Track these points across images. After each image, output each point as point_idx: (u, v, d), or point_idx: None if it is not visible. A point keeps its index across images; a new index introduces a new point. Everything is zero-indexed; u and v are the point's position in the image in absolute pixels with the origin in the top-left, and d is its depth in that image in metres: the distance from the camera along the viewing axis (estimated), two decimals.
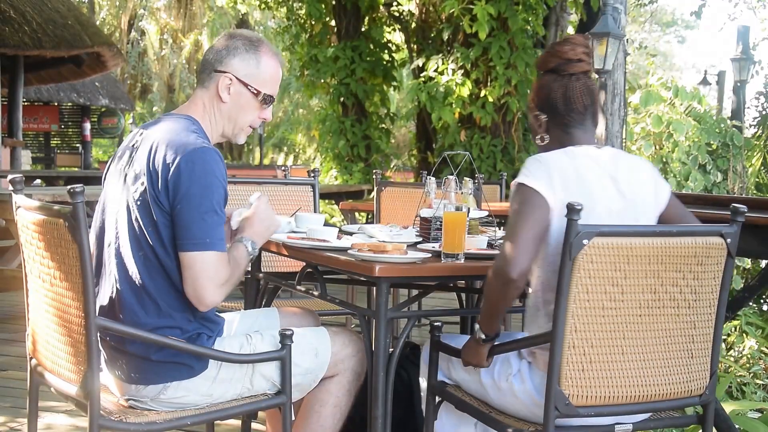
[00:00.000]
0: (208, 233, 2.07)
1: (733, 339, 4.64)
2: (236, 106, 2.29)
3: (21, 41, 10.25)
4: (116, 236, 2.17)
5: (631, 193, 2.13)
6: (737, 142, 7.55)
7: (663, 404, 2.07)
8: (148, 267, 2.12)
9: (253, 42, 2.30)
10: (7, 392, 3.91)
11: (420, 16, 11.59)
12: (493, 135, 10.03)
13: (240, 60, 2.27)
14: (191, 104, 2.32)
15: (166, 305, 2.13)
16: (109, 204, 2.23)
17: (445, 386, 2.35)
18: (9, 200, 2.49)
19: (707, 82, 15.55)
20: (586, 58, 2.21)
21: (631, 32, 25.66)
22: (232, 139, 2.36)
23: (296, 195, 3.79)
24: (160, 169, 2.10)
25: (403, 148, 19.38)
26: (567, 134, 2.21)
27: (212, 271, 2.08)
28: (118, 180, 2.22)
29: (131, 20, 26.31)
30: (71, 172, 15.84)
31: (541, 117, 2.24)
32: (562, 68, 2.20)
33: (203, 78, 2.30)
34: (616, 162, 2.15)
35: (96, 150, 24.42)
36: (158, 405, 2.16)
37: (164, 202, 2.09)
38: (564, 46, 2.22)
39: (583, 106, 2.20)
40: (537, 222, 2.02)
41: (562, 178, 2.06)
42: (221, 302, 2.16)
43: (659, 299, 1.97)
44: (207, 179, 2.09)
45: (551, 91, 2.21)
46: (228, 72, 2.27)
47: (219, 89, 2.27)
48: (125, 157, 2.24)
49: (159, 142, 2.14)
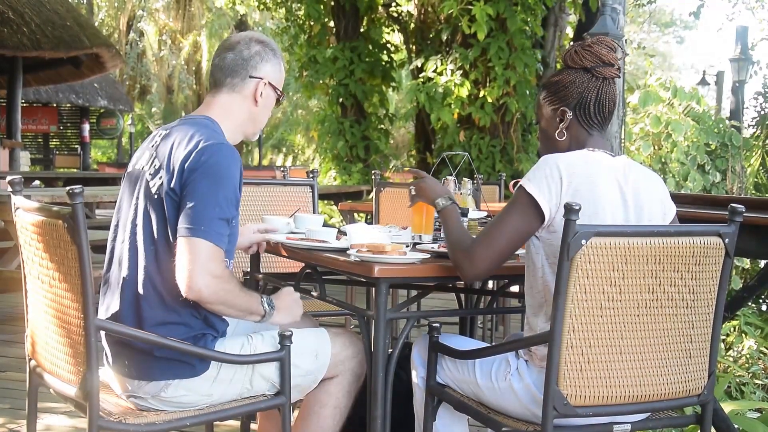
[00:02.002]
0: (204, 222, 2.07)
1: (732, 339, 4.65)
2: (264, 108, 2.40)
3: (20, 42, 10.25)
4: (131, 231, 2.19)
5: (636, 205, 2.14)
6: (736, 143, 7.55)
7: (661, 404, 2.07)
8: (159, 262, 2.14)
9: (274, 47, 2.41)
10: (6, 393, 3.91)
11: (419, 16, 11.61)
12: (492, 135, 10.04)
13: (271, 66, 2.38)
14: (210, 107, 2.35)
15: (173, 301, 2.14)
16: (125, 201, 2.26)
17: (444, 387, 2.35)
18: (8, 201, 2.50)
19: (706, 83, 15.58)
20: (617, 63, 2.20)
21: (630, 33, 25.69)
22: (250, 137, 2.45)
23: (295, 196, 3.79)
24: (178, 163, 2.13)
25: (402, 149, 19.40)
26: (589, 136, 2.21)
27: (203, 258, 2.06)
28: (137, 178, 2.25)
29: (130, 21, 26.33)
30: (70, 173, 15.85)
31: (567, 113, 2.21)
32: (597, 69, 2.18)
33: (234, 83, 2.34)
34: (627, 172, 2.16)
35: (95, 151, 24.44)
36: (158, 403, 2.17)
37: (177, 191, 2.12)
38: (602, 48, 2.18)
39: (609, 112, 2.21)
40: (517, 233, 2.09)
41: (571, 182, 2.06)
42: (211, 300, 2.10)
43: (657, 299, 1.98)
44: (218, 173, 2.11)
45: (585, 91, 2.18)
46: (264, 78, 2.36)
47: (256, 94, 2.35)
48: (145, 155, 2.27)
49: (180, 139, 2.19)
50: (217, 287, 2.09)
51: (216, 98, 2.35)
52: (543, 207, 2.06)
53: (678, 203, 2.30)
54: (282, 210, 3.54)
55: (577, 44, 2.25)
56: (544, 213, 2.06)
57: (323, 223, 2.84)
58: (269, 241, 2.72)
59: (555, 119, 2.24)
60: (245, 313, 2.24)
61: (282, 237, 2.66)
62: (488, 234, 2.11)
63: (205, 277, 2.06)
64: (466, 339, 2.54)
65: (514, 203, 2.11)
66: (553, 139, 2.25)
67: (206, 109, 2.35)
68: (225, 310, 2.18)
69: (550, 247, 2.09)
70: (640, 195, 2.15)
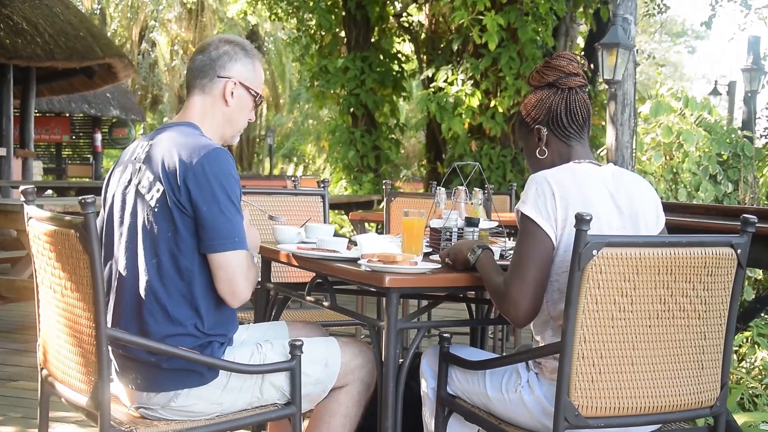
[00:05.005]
0: (236, 232, 2.14)
1: (744, 350, 4.62)
2: (237, 109, 2.37)
3: (33, 53, 10.31)
4: (126, 247, 2.19)
5: (631, 212, 2.15)
6: (748, 153, 7.53)
7: (673, 415, 2.06)
8: (161, 274, 2.14)
9: (246, 47, 2.40)
10: (18, 402, 3.92)
11: (429, 26, 11.63)
12: (502, 145, 10.04)
13: (241, 65, 2.36)
14: (188, 112, 2.35)
15: (176, 313, 2.14)
16: (116, 218, 2.24)
17: (454, 398, 2.35)
18: (21, 211, 2.51)
19: (718, 93, 15.51)
20: (581, 72, 2.25)
21: (641, 42, 25.65)
22: (229, 141, 2.43)
23: (306, 205, 3.80)
24: (177, 172, 2.12)
25: (413, 159, 19.41)
26: (569, 147, 2.24)
27: (245, 268, 2.16)
28: (125, 192, 2.23)
29: (142, 32, 26.47)
30: (82, 182, 15.92)
31: (542, 131, 2.25)
32: (561, 82, 2.23)
33: (203, 84, 2.34)
34: (616, 180, 2.18)
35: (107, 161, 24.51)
36: (168, 413, 2.17)
37: (186, 204, 2.11)
38: (561, 60, 2.25)
39: (583, 119, 2.24)
40: (541, 259, 2.07)
41: (563, 196, 2.07)
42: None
43: (669, 310, 1.97)
44: (227, 179, 2.14)
45: (553, 104, 2.23)
46: (232, 77, 2.34)
47: (225, 93, 2.33)
48: (129, 169, 2.25)
49: (170, 148, 2.17)
50: (253, 286, 2.22)
51: (190, 102, 2.36)
52: (548, 231, 2.07)
53: (690, 214, 2.30)
54: (293, 219, 3.54)
55: (538, 65, 2.31)
56: (550, 237, 2.07)
57: (334, 233, 2.84)
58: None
59: (533, 139, 2.28)
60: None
61: (293, 247, 2.66)
62: (515, 271, 2.08)
63: (249, 286, 2.18)
64: (476, 350, 2.54)
65: (523, 233, 2.11)
66: (536, 158, 2.29)
67: (184, 114, 2.35)
68: None
69: (553, 264, 2.10)
70: (634, 202, 2.17)
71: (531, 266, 2.06)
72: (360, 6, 11.09)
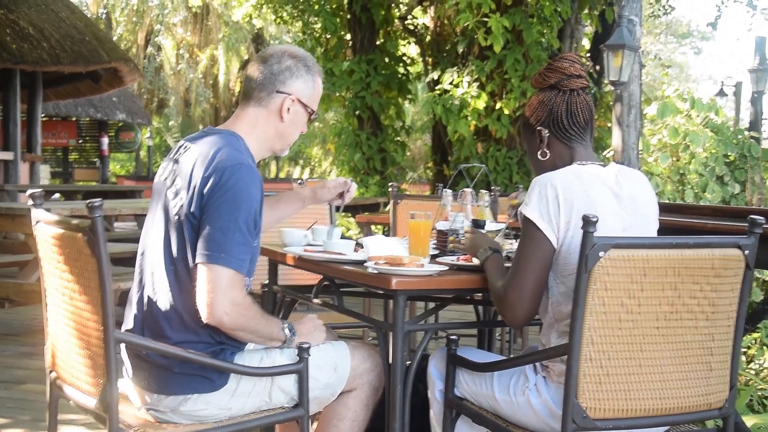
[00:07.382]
0: (224, 248, 2.06)
1: (753, 352, 4.60)
2: (291, 125, 2.35)
3: (39, 57, 10.34)
4: (153, 250, 2.20)
5: (634, 209, 2.16)
6: (755, 154, 7.51)
7: (682, 417, 2.06)
8: (179, 283, 2.14)
9: (309, 63, 2.36)
10: (26, 405, 3.93)
11: (435, 29, 11.63)
12: (508, 147, 10.03)
13: (302, 82, 2.34)
14: (237, 120, 2.33)
15: (192, 321, 2.14)
16: (150, 214, 2.26)
17: (462, 400, 2.34)
18: (28, 215, 2.51)
19: (724, 93, 15.49)
20: (584, 74, 2.26)
21: (647, 44, 25.62)
22: (278, 153, 2.42)
23: (312, 208, 3.79)
24: (198, 184, 2.11)
25: (419, 161, 19.40)
26: (570, 149, 2.24)
27: (224, 285, 2.05)
28: (160, 194, 2.24)
29: (148, 36, 26.55)
30: (89, 186, 15.97)
31: (544, 132, 2.26)
32: (563, 84, 2.24)
33: (261, 97, 2.31)
34: (619, 180, 2.18)
35: (113, 164, 24.62)
36: (177, 417, 2.17)
37: (196, 215, 2.11)
38: (563, 62, 2.26)
39: (584, 121, 2.25)
40: (540, 264, 2.09)
41: (567, 198, 2.07)
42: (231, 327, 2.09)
43: (676, 311, 1.96)
44: (238, 195, 2.09)
45: (554, 106, 2.24)
46: (292, 94, 2.32)
47: (282, 109, 2.31)
48: (168, 169, 2.26)
49: (200, 157, 2.16)
50: (237, 314, 2.08)
51: (243, 111, 2.33)
52: (549, 235, 2.07)
53: (697, 215, 2.30)
54: (299, 222, 3.54)
55: (541, 68, 2.32)
56: (551, 241, 2.08)
57: (341, 236, 2.84)
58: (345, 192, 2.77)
59: (536, 141, 2.29)
60: (266, 339, 2.23)
61: (300, 249, 2.67)
62: (514, 277, 2.11)
63: (226, 304, 2.05)
64: (483, 352, 2.54)
65: (524, 235, 2.12)
66: (538, 160, 2.30)
67: (233, 123, 2.33)
68: (245, 336, 2.18)
69: (556, 266, 2.10)
70: (637, 201, 2.17)
71: (529, 272, 2.09)
72: (365, 9, 11.09)
